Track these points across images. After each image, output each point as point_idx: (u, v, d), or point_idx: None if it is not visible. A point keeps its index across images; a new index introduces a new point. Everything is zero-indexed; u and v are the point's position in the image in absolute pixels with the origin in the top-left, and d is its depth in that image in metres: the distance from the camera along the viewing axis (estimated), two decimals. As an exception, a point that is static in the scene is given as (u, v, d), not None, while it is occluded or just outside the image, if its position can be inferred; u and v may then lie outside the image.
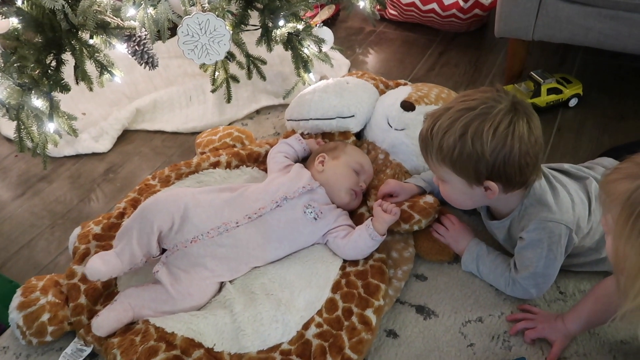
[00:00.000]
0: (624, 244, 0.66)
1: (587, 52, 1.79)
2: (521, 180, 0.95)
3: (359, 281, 1.04)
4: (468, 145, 0.91)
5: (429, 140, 0.97)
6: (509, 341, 0.98)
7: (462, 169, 0.95)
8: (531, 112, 0.94)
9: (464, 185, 0.97)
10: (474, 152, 0.91)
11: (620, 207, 0.66)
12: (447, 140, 0.93)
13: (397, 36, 2.01)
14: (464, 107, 0.93)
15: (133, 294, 0.99)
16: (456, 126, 0.92)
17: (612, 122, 1.52)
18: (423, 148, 1.01)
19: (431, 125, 0.97)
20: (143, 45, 1.33)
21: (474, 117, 0.92)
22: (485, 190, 0.96)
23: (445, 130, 0.94)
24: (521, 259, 1.01)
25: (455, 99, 0.98)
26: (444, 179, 1.00)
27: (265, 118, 1.61)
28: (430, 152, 0.98)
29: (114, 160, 1.48)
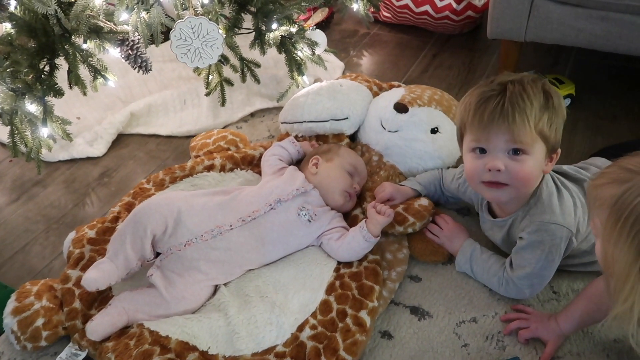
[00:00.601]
0: (613, 247, 0.67)
1: (580, 52, 1.80)
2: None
3: (353, 283, 1.04)
4: (552, 107, 0.93)
5: (519, 108, 0.91)
6: (503, 341, 0.98)
7: (551, 133, 0.94)
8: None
9: (541, 158, 0.95)
10: (555, 114, 0.94)
11: (607, 211, 0.67)
12: (535, 104, 0.92)
13: (391, 38, 2.01)
14: (520, 79, 0.95)
15: (127, 298, 0.99)
16: (534, 90, 0.93)
17: (605, 123, 1.53)
18: (513, 117, 0.91)
19: (514, 93, 0.93)
20: (136, 49, 1.33)
21: (544, 82, 0.96)
22: (547, 164, 0.97)
23: (527, 96, 0.92)
24: (519, 258, 1.01)
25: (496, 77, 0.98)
26: (529, 152, 0.93)
27: (260, 121, 1.61)
28: (523, 121, 0.91)
29: (109, 165, 1.48)
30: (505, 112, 0.91)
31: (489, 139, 0.94)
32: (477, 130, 0.95)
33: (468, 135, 0.99)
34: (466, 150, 1.00)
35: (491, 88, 0.95)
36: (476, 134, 0.96)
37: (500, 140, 0.93)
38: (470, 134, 0.98)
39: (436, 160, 1.28)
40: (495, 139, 0.93)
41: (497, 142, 0.93)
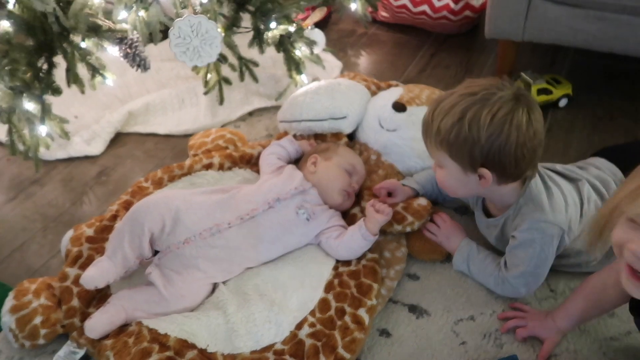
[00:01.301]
0: None
1: (577, 52, 1.81)
2: (516, 173, 0.95)
3: (352, 281, 1.04)
4: (465, 129, 0.91)
5: (429, 123, 0.97)
6: (501, 339, 0.99)
7: (458, 154, 0.94)
8: (533, 105, 0.94)
9: (459, 172, 0.97)
10: (470, 136, 0.91)
11: None
12: (445, 122, 0.93)
13: (389, 38, 2.02)
14: (466, 92, 0.93)
15: (126, 296, 0.99)
16: (456, 109, 0.92)
17: (602, 122, 1.54)
18: (424, 132, 1.00)
19: (433, 109, 0.97)
20: (135, 48, 1.33)
21: (474, 101, 0.91)
22: (479, 179, 0.96)
23: (445, 113, 0.94)
24: (512, 257, 1.02)
25: (460, 85, 0.98)
26: (441, 164, 1.00)
27: (258, 120, 1.61)
28: (430, 135, 0.98)
29: (107, 163, 1.47)
30: (425, 126, 1.01)
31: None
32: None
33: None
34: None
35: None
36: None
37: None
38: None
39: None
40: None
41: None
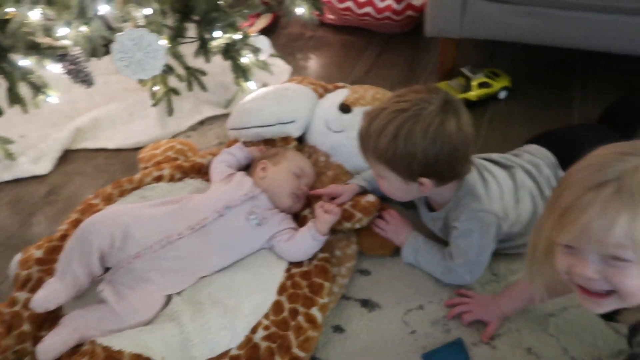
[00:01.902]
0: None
1: (515, 46, 1.88)
2: (452, 175, 1.02)
3: (304, 281, 1.07)
4: (401, 146, 0.96)
5: (366, 140, 1.02)
6: (448, 325, 1.04)
7: (397, 168, 1.00)
8: (460, 109, 0.99)
9: (400, 182, 1.03)
10: (406, 152, 0.97)
11: (635, 223, 0.63)
12: (382, 141, 0.98)
13: (336, 40, 2.06)
14: (398, 109, 0.98)
15: (78, 316, 0.99)
16: (390, 127, 0.97)
17: (539, 112, 1.61)
18: (361, 147, 1.06)
19: (367, 126, 1.02)
20: (77, 63, 1.33)
21: (406, 118, 0.96)
22: (419, 186, 1.02)
23: (380, 131, 0.98)
24: (455, 247, 1.07)
25: (390, 99, 1.03)
26: (382, 175, 1.05)
27: (209, 129, 1.62)
28: (368, 151, 1.03)
29: (55, 182, 1.46)
30: (362, 142, 1.07)
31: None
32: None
33: None
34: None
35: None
36: None
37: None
38: None
39: (380, 157, 1.32)
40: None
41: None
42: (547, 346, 0.98)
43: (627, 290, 0.67)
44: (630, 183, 0.63)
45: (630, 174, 0.64)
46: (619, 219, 0.63)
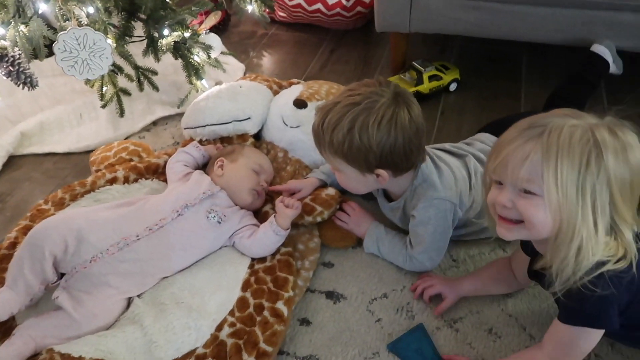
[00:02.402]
0: (559, 188, 0.71)
1: (463, 39, 1.95)
2: (408, 165, 1.04)
3: (268, 276, 1.07)
4: (356, 139, 0.98)
5: (321, 135, 1.03)
6: (412, 311, 1.06)
7: (354, 161, 1.02)
8: (411, 101, 1.02)
9: (357, 174, 1.04)
10: (362, 145, 0.98)
11: (541, 160, 0.71)
12: (337, 135, 0.99)
13: (289, 37, 2.06)
14: (350, 102, 0.99)
15: (33, 325, 0.95)
16: (344, 121, 0.98)
17: (488, 102, 1.67)
18: (316, 141, 1.06)
19: (321, 121, 1.02)
20: (18, 65, 1.27)
21: (359, 112, 0.98)
22: (376, 177, 1.04)
23: (335, 125, 0.99)
24: (414, 235, 1.10)
25: (342, 93, 1.04)
26: (339, 169, 1.07)
27: (163, 129, 1.59)
28: (323, 145, 1.04)
29: (1, 189, 1.38)
30: (317, 137, 1.07)
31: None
32: None
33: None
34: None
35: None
36: None
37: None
38: None
39: (338, 150, 1.33)
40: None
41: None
42: (507, 326, 1.02)
43: (532, 220, 0.75)
44: (554, 131, 0.72)
45: (558, 125, 0.72)
46: (533, 156, 0.72)
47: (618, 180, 0.72)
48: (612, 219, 0.73)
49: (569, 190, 0.71)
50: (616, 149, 0.72)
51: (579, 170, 0.71)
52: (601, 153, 0.71)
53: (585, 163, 0.71)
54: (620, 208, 0.73)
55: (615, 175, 0.71)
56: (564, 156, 0.71)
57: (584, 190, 0.71)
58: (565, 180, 0.71)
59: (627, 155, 0.72)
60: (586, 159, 0.71)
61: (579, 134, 0.72)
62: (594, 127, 0.72)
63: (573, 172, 0.71)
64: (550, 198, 0.72)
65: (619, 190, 0.72)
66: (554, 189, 0.71)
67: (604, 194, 0.72)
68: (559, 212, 0.72)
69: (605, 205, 0.72)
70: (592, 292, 0.73)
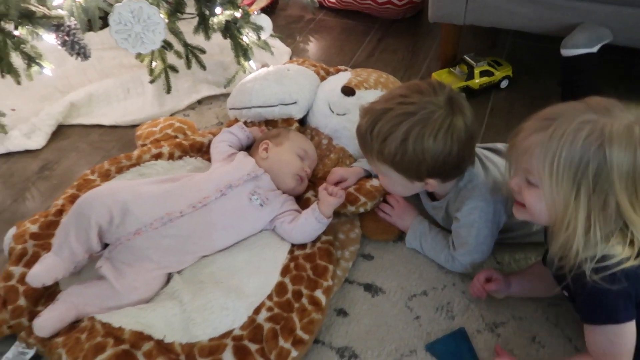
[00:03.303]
0: (553, 184, 0.73)
1: (516, 35, 1.88)
2: (458, 173, 1.01)
3: (308, 264, 1.05)
4: (410, 150, 0.94)
5: (369, 141, 0.98)
6: (452, 311, 1.03)
7: (403, 170, 0.98)
8: (465, 106, 0.97)
9: (404, 181, 1.01)
10: (415, 157, 0.95)
11: (542, 155, 0.73)
12: (389, 145, 0.95)
13: (336, 24, 2.03)
14: (404, 112, 0.94)
15: (76, 292, 0.96)
16: (397, 132, 0.94)
17: (539, 102, 1.55)
18: (362, 145, 1.02)
19: (370, 127, 0.97)
20: (73, 35, 1.28)
21: (414, 123, 0.93)
22: (424, 184, 1.01)
23: (386, 135, 0.95)
24: (457, 237, 1.06)
25: (392, 98, 0.98)
26: (384, 174, 1.03)
27: (208, 108, 1.59)
28: (370, 151, 1.00)
29: (49, 157, 1.41)
30: (363, 141, 1.02)
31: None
32: None
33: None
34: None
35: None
36: None
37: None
38: None
39: (384, 141, 1.30)
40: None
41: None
42: (552, 336, 0.98)
43: (530, 208, 0.81)
44: (559, 128, 0.73)
45: (566, 120, 0.73)
46: (534, 149, 0.75)
47: (625, 184, 0.71)
48: (622, 220, 0.73)
49: (564, 188, 0.72)
50: (630, 148, 0.70)
51: (576, 171, 0.72)
52: (605, 156, 0.70)
53: (585, 164, 0.71)
54: (627, 210, 0.72)
55: (621, 178, 0.71)
56: (562, 154, 0.72)
57: (578, 191, 0.72)
58: (560, 179, 0.72)
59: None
60: (586, 160, 0.71)
61: (586, 133, 0.72)
62: (608, 125, 0.71)
63: (570, 171, 0.72)
64: (545, 192, 0.75)
65: (625, 193, 0.71)
66: (548, 185, 0.74)
67: (603, 196, 0.72)
68: (553, 207, 0.75)
69: (605, 206, 0.72)
70: (605, 288, 0.73)
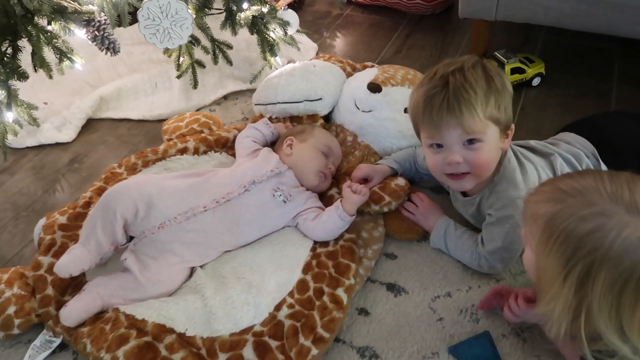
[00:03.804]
0: (544, 258, 0.72)
1: (549, 31, 1.83)
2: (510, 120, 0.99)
3: (330, 261, 1.04)
4: (498, 83, 0.94)
5: (464, 96, 0.91)
6: (477, 314, 1.01)
7: (498, 114, 0.94)
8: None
9: (496, 141, 0.96)
10: (502, 86, 0.95)
11: (542, 227, 0.72)
12: (494, 84, 0.94)
13: (364, 19, 2.01)
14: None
15: (101, 283, 0.98)
16: (480, 76, 0.94)
17: (573, 100, 1.56)
18: (462, 106, 0.92)
19: (462, 84, 0.93)
20: (103, 30, 1.29)
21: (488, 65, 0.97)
22: (506, 138, 0.99)
23: (477, 81, 0.93)
24: (489, 234, 1.03)
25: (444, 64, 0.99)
26: (481, 139, 0.95)
27: (233, 104, 1.59)
28: (474, 107, 0.92)
29: (79, 150, 1.44)
30: (452, 107, 0.92)
31: (442, 135, 0.96)
32: (430, 128, 0.97)
33: (423, 132, 1.01)
34: (424, 145, 1.03)
35: (434, 84, 0.96)
36: (429, 132, 0.98)
37: (453, 134, 0.95)
38: (424, 131, 1.00)
39: (409, 139, 1.28)
40: (448, 135, 0.95)
41: (450, 136, 0.95)
42: (579, 340, 0.95)
43: (525, 262, 0.80)
44: (570, 207, 0.70)
45: (580, 204, 0.70)
46: (539, 220, 0.74)
47: (606, 301, 0.67)
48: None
49: (553, 268, 0.71)
50: (628, 262, 0.65)
51: (569, 259, 0.69)
52: (592, 265, 0.67)
53: (576, 260, 0.68)
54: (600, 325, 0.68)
55: (602, 296, 0.67)
56: (560, 239, 0.69)
57: (567, 276, 0.69)
58: (552, 258, 0.70)
59: None
60: (578, 256, 0.68)
61: (590, 228, 0.67)
62: (617, 229, 0.66)
63: (563, 256, 0.69)
64: (538, 262, 0.73)
65: (605, 310, 0.67)
66: (540, 259, 0.72)
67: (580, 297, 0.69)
68: (542, 279, 0.74)
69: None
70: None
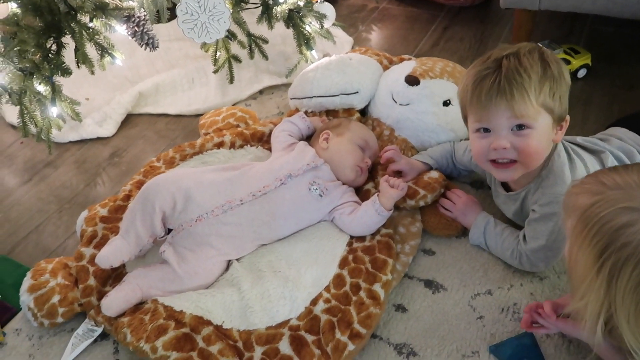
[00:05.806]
0: (577, 250, 0.71)
1: (595, 21, 1.75)
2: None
3: (367, 256, 1.03)
4: (555, 69, 0.91)
5: (518, 79, 0.88)
6: (519, 313, 0.97)
7: (553, 102, 0.91)
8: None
9: (549, 130, 0.93)
10: (559, 74, 0.92)
11: (577, 218, 0.71)
12: (534, 75, 0.89)
13: (400, 12, 1.97)
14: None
15: (141, 274, 1.00)
16: (536, 60, 0.91)
17: (621, 92, 1.49)
18: (514, 90, 0.88)
19: (515, 69, 0.89)
20: (142, 26, 1.32)
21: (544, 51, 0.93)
22: (558, 131, 0.95)
23: (532, 66, 0.89)
24: (532, 231, 0.99)
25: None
26: (532, 127, 0.91)
27: (269, 98, 1.59)
28: (527, 95, 0.88)
29: (119, 145, 1.47)
30: (502, 89, 0.89)
31: (490, 118, 0.92)
32: (478, 110, 0.93)
33: (470, 116, 0.97)
34: (471, 130, 0.99)
35: (486, 66, 0.92)
36: (477, 114, 0.94)
37: (502, 117, 0.91)
38: (472, 114, 0.96)
39: (448, 132, 1.25)
40: (497, 118, 0.91)
41: (499, 120, 0.91)
42: (629, 343, 0.91)
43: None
44: (606, 201, 0.69)
45: (617, 197, 0.68)
46: (576, 211, 0.72)
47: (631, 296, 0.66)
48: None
49: (586, 261, 0.69)
50: None
51: (602, 252, 0.67)
52: (622, 261, 0.66)
53: (610, 253, 0.67)
54: (621, 323, 0.67)
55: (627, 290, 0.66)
56: (592, 231, 0.68)
57: (600, 269, 0.67)
58: (584, 250, 0.69)
59: None
60: (611, 250, 0.67)
61: (623, 221, 0.66)
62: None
63: (595, 249, 0.68)
64: (571, 254, 0.72)
65: (627, 307, 0.66)
66: (573, 250, 0.71)
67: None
68: (573, 271, 0.72)
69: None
70: None
